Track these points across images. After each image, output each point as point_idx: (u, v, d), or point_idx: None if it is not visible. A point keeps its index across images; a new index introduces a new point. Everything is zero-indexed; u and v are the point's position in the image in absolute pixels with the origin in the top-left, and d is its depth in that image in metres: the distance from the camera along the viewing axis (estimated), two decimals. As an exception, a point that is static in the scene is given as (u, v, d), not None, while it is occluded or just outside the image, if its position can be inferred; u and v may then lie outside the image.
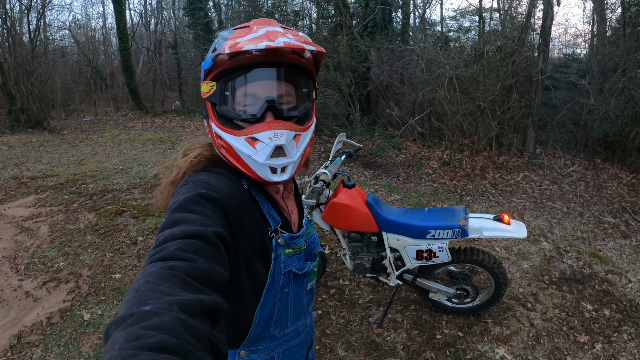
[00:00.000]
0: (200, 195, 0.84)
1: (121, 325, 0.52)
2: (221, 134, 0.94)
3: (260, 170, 0.93)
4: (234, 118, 0.93)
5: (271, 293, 1.04)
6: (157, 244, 0.73)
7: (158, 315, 0.52)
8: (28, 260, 4.11)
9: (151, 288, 0.59)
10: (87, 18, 25.45)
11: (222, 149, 0.97)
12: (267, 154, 0.91)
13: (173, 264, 0.65)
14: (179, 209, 0.81)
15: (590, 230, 4.80)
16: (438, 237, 2.62)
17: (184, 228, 0.75)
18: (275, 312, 1.07)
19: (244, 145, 0.92)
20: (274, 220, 1.02)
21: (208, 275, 0.68)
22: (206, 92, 0.94)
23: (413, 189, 6.17)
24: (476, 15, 11.39)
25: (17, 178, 7.10)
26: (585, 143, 7.68)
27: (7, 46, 13.01)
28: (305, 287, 1.16)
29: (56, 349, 2.89)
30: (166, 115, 15.44)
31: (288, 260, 1.05)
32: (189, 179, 0.92)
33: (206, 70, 0.93)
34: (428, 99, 7.79)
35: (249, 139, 0.91)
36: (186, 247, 0.70)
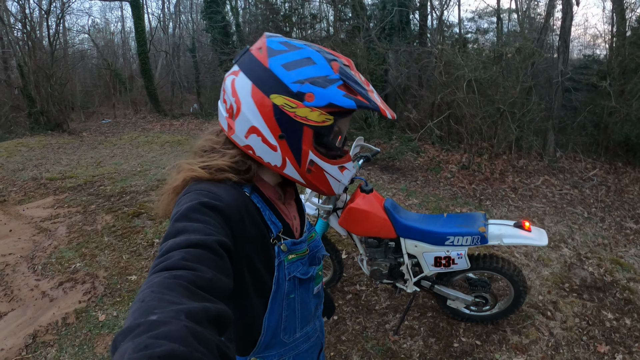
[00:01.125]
0: (202, 204, 0.83)
1: (129, 336, 0.51)
2: (318, 161, 0.98)
3: (338, 189, 1.07)
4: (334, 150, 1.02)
5: (277, 300, 1.03)
6: (161, 254, 0.72)
7: (165, 324, 0.52)
8: (45, 261, 4.16)
9: (157, 298, 0.58)
10: (106, 22, 25.91)
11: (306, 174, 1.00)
12: (349, 177, 1.07)
13: (177, 274, 0.65)
14: (182, 218, 0.80)
15: (611, 236, 4.68)
16: (457, 243, 2.56)
17: (187, 237, 0.74)
18: (284, 319, 1.06)
19: (337, 172, 1.03)
20: (275, 226, 1.02)
21: (212, 284, 0.68)
22: (317, 121, 0.92)
23: (431, 193, 6.10)
24: (494, 16, 11.26)
25: (36, 179, 7.22)
26: (606, 146, 7.52)
27: (27, 50, 13.29)
28: (311, 291, 1.15)
29: (71, 349, 2.90)
30: (184, 118, 15.58)
31: (292, 266, 1.05)
32: (190, 188, 0.90)
33: (333, 104, 0.91)
34: (446, 101, 7.71)
35: (340, 167, 1.03)
36: (189, 256, 0.70)
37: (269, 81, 0.90)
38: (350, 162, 1.06)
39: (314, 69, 0.90)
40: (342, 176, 1.04)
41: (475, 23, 12.66)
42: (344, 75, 0.91)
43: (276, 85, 0.89)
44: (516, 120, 6.83)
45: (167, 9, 23.21)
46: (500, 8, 10.92)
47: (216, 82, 14.21)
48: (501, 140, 7.07)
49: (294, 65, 0.90)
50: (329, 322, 3.11)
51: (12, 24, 13.87)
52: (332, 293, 3.46)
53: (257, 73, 0.91)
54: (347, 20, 11.69)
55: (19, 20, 13.64)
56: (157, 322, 0.52)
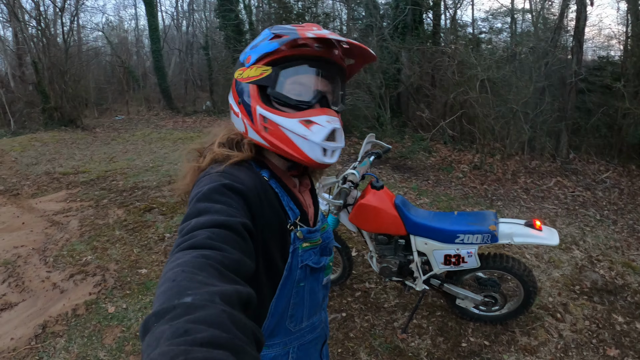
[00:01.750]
0: (224, 185, 0.84)
1: (164, 318, 0.51)
2: (269, 115, 0.94)
3: (312, 151, 0.94)
4: (287, 102, 0.94)
5: (287, 286, 1.03)
6: (185, 232, 0.72)
7: (203, 308, 0.52)
8: (57, 253, 4.20)
9: (189, 277, 0.58)
10: (120, 20, 26.15)
11: (263, 132, 0.96)
12: (323, 135, 0.93)
13: (205, 253, 0.65)
14: (203, 199, 0.80)
15: (623, 239, 4.62)
16: (467, 241, 2.55)
17: (211, 217, 0.74)
18: (291, 306, 1.06)
19: (298, 127, 0.93)
20: (293, 213, 1.02)
21: (239, 265, 0.68)
22: (255, 75, 0.95)
23: (443, 192, 6.07)
24: (508, 16, 11.16)
25: (49, 173, 7.30)
26: (619, 148, 7.43)
27: (42, 46, 13.44)
28: (320, 281, 1.15)
29: (79, 340, 2.93)
30: (197, 115, 15.66)
31: (305, 254, 1.04)
32: (210, 170, 0.92)
33: (262, 55, 0.94)
34: (459, 101, 7.67)
35: (304, 121, 0.93)
36: (215, 236, 0.70)
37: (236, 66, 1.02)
38: (324, 115, 0.94)
39: (258, 39, 0.98)
40: (308, 132, 0.93)
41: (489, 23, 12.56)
42: (276, 29, 0.95)
43: (237, 65, 1.01)
44: (529, 121, 6.78)
45: (181, 6, 23.41)
46: (514, 8, 10.84)
47: (229, 79, 14.22)
48: (514, 140, 7.01)
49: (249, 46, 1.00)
50: (338, 319, 3.11)
51: (27, 21, 14.05)
52: (342, 290, 3.46)
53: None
54: (360, 19, 11.66)
55: (34, 18, 13.80)
56: (193, 305, 0.52)
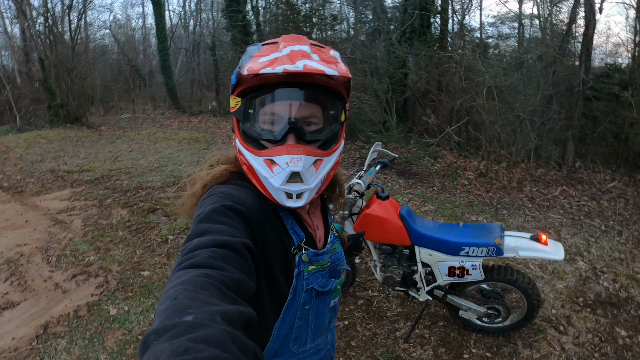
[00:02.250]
0: (226, 207, 0.83)
1: (164, 336, 0.50)
2: (243, 151, 0.93)
3: (275, 194, 0.91)
4: (255, 137, 0.91)
5: (291, 309, 1.01)
6: (186, 252, 0.72)
7: (204, 327, 0.51)
8: (60, 253, 4.21)
9: (190, 296, 0.58)
10: (127, 18, 26.17)
11: (243, 166, 0.96)
12: (282, 179, 0.89)
13: (207, 272, 0.65)
14: (206, 219, 0.80)
15: (628, 250, 4.59)
16: (472, 254, 2.53)
17: (213, 237, 0.74)
18: (295, 329, 1.04)
19: (262, 167, 0.90)
20: (297, 236, 1.00)
21: (240, 285, 0.68)
22: (232, 107, 0.95)
23: (447, 199, 6.05)
24: (516, 21, 11.14)
25: (54, 171, 7.34)
26: (626, 158, 7.39)
27: (49, 43, 13.51)
28: (327, 304, 1.12)
29: (81, 342, 2.93)
30: (202, 115, 15.70)
31: (311, 277, 1.02)
32: (213, 191, 0.91)
33: (232, 86, 0.94)
34: (466, 107, 7.65)
35: (268, 160, 0.90)
36: (217, 255, 0.70)
37: None
38: (285, 155, 0.88)
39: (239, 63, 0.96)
40: (270, 173, 0.89)
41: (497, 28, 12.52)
42: (244, 55, 0.93)
43: None
44: (535, 129, 6.74)
45: (188, 6, 23.39)
46: (522, 13, 10.82)
47: (235, 80, 14.25)
48: (520, 148, 6.98)
49: None
50: (340, 327, 3.10)
51: (35, 18, 14.12)
52: (344, 298, 3.45)
53: None
54: (368, 23, 11.65)
55: (42, 14, 13.88)
56: (194, 323, 0.52)
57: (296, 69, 0.80)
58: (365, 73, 8.70)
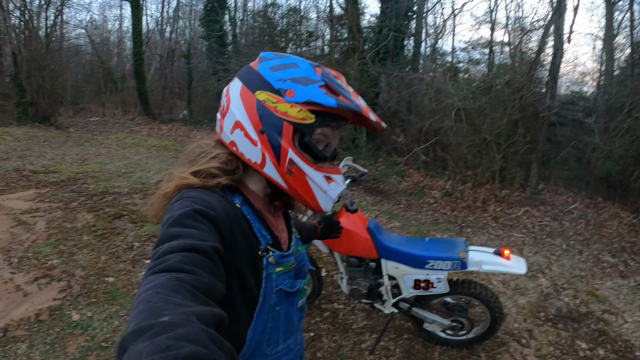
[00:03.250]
0: (196, 211, 0.84)
1: (142, 336, 0.51)
2: (299, 162, 0.97)
3: (325, 204, 1.03)
4: (318, 154, 0.99)
5: (263, 312, 1.02)
6: (157, 257, 0.72)
7: (181, 326, 0.52)
8: (22, 254, 4.07)
9: (164, 299, 0.59)
10: (104, 19, 25.60)
11: (286, 174, 0.98)
12: (339, 192, 1.05)
13: (179, 276, 0.66)
14: (175, 224, 0.81)
15: (588, 268, 4.79)
16: (437, 267, 2.60)
17: (183, 242, 0.75)
18: (268, 331, 1.05)
19: (322, 181, 1.01)
20: (264, 238, 1.02)
21: (211, 288, 0.69)
22: (296, 117, 0.94)
23: (414, 217, 6.16)
24: (487, 47, 11.50)
25: (19, 170, 7.10)
26: (587, 181, 7.71)
27: (23, 39, 13.11)
28: (296, 304, 1.15)
29: (42, 347, 2.84)
30: (173, 124, 15.51)
31: (279, 279, 1.05)
32: (182, 195, 0.92)
33: (313, 102, 0.93)
34: (434, 128, 7.83)
35: (326, 176, 1.01)
36: (187, 260, 0.71)
37: (256, 81, 0.97)
38: (340, 175, 1.05)
39: (298, 71, 0.97)
40: (328, 187, 1.01)
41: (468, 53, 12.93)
42: (327, 78, 0.96)
43: (261, 83, 0.96)
44: (501, 151, 6.96)
45: (167, 12, 23.21)
46: (493, 40, 11.18)
47: (208, 90, 14.19)
48: (485, 169, 7.18)
49: (280, 68, 0.97)
50: (305, 338, 3.11)
51: (11, 11, 13.71)
52: (310, 310, 3.46)
53: (247, 76, 0.99)
54: (343, 41, 11.82)
55: (18, 8, 13.47)
56: (171, 323, 0.53)
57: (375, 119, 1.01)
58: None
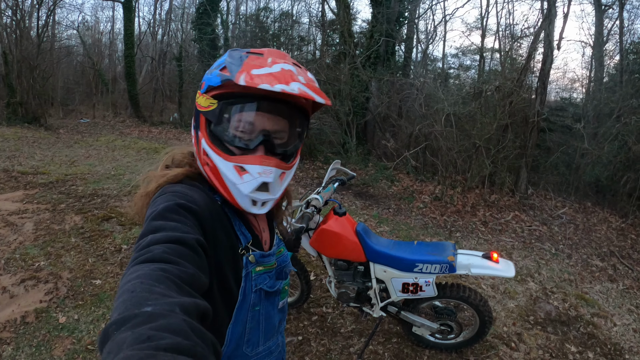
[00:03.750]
0: (179, 205, 0.84)
1: (125, 326, 0.51)
2: (210, 152, 0.94)
3: (241, 199, 0.94)
4: (227, 142, 0.93)
5: (242, 311, 1.02)
6: (140, 248, 0.73)
7: (163, 316, 0.52)
8: (9, 256, 4.03)
9: (147, 289, 0.59)
10: (96, 21, 25.60)
11: (205, 166, 0.97)
12: (252, 187, 0.93)
13: (163, 267, 0.66)
14: (158, 217, 0.81)
15: (577, 272, 4.82)
16: (425, 271, 2.60)
17: (166, 234, 0.75)
18: (247, 331, 1.05)
19: (231, 172, 0.93)
20: (245, 237, 1.02)
21: (194, 279, 0.69)
22: (204, 106, 0.95)
23: (403, 221, 6.17)
24: (477, 54, 11.63)
25: (7, 171, 7.04)
26: (576, 186, 7.79)
27: (14, 38, 13.03)
28: (276, 305, 1.15)
29: (27, 349, 2.80)
30: (163, 126, 15.45)
31: (259, 278, 1.04)
32: (165, 189, 0.92)
33: (210, 86, 0.93)
34: (424, 133, 7.88)
35: (238, 167, 0.92)
36: (171, 251, 0.71)
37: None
38: (258, 166, 0.92)
39: (217, 62, 0.97)
40: (239, 180, 0.92)
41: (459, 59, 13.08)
42: (230, 58, 0.94)
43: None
44: (491, 156, 7.02)
45: (159, 15, 23.18)
46: (483, 47, 11.30)
47: (200, 93, 14.15)
48: (475, 174, 7.22)
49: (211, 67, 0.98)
50: (294, 342, 3.10)
51: (3, 10, 13.62)
52: (299, 314, 3.45)
53: None
54: (334, 46, 11.87)
55: (10, 7, 13.40)
56: (154, 313, 0.53)
57: (292, 91, 0.82)
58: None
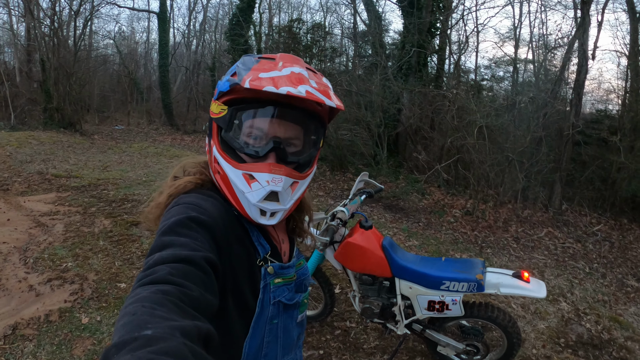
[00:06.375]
0: (190, 218, 0.82)
1: (125, 349, 0.50)
2: (220, 160, 0.92)
3: (249, 209, 0.92)
4: (236, 149, 0.91)
5: (260, 324, 0.99)
6: (147, 267, 0.71)
7: (163, 340, 0.51)
8: (38, 255, 4.13)
9: (148, 312, 0.57)
10: (132, 31, 26.41)
11: (216, 174, 0.95)
12: (260, 196, 0.90)
13: (164, 289, 0.64)
14: (169, 232, 0.79)
15: (612, 293, 4.62)
16: (452, 289, 2.51)
17: (173, 252, 0.73)
18: (265, 345, 1.01)
19: (240, 180, 0.90)
20: (263, 248, 0.99)
21: (198, 302, 0.67)
22: (216, 113, 0.94)
23: (433, 236, 6.05)
24: (511, 65, 11.42)
25: (41, 173, 7.27)
26: (612, 202, 7.50)
27: (52, 46, 13.57)
28: (295, 319, 1.11)
29: (49, 347, 2.84)
30: (196, 135, 15.72)
31: (277, 290, 1.01)
32: (179, 200, 0.90)
33: (221, 92, 0.93)
34: (456, 145, 7.75)
35: (247, 175, 0.90)
36: (176, 272, 0.69)
37: None
38: (267, 174, 0.89)
39: (231, 69, 0.95)
40: (247, 188, 0.89)
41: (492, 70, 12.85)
42: (240, 64, 0.92)
43: None
44: (524, 170, 6.84)
45: (193, 26, 23.75)
46: (517, 58, 11.09)
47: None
48: (507, 188, 7.05)
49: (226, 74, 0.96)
50: (315, 356, 3.04)
51: (41, 19, 14.21)
52: (321, 327, 3.39)
53: None
54: (366, 57, 11.85)
55: (48, 17, 13.99)
56: (154, 337, 0.51)
57: (299, 93, 0.80)
58: (359, 106, 8.80)
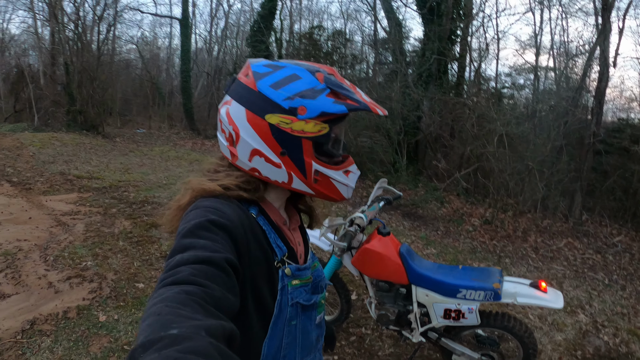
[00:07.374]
0: (210, 221, 0.83)
1: (151, 348, 0.50)
2: (322, 169, 1.00)
3: (347, 193, 1.08)
4: (335, 156, 1.05)
5: (279, 325, 1.00)
6: (168, 269, 0.72)
7: (190, 339, 0.52)
8: (58, 253, 4.20)
9: (173, 312, 0.58)
10: (154, 36, 26.76)
11: (313, 183, 1.02)
12: (354, 180, 1.09)
13: (188, 289, 0.65)
14: (189, 234, 0.80)
15: (631, 305, 4.52)
16: (469, 297, 2.49)
17: (195, 253, 0.74)
18: (284, 346, 1.02)
19: (342, 177, 1.05)
20: (280, 250, 1.01)
21: (221, 302, 0.68)
22: (314, 132, 0.96)
23: (451, 244, 6.00)
24: (531, 73, 11.29)
25: (64, 174, 7.42)
26: (634, 212, 7.35)
27: (76, 50, 13.88)
28: (313, 320, 1.12)
29: (65, 343, 2.88)
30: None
31: (295, 292, 1.02)
32: (198, 204, 0.91)
33: (325, 113, 0.95)
34: (476, 154, 7.69)
35: (345, 171, 1.06)
36: (198, 272, 0.70)
37: (261, 103, 0.94)
38: (353, 164, 1.09)
39: (301, 83, 0.95)
40: (348, 180, 1.06)
41: (512, 78, 12.70)
42: (330, 84, 0.96)
43: (268, 105, 0.94)
44: (544, 179, 6.74)
45: (215, 32, 24.00)
46: (538, 65, 10.96)
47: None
48: (527, 198, 6.96)
49: (282, 84, 0.95)
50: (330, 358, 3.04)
51: (66, 24, 14.53)
52: (337, 333, 3.39)
53: (248, 98, 0.96)
54: (387, 64, 11.82)
55: (72, 21, 14.32)
56: (180, 336, 0.52)
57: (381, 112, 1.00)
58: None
